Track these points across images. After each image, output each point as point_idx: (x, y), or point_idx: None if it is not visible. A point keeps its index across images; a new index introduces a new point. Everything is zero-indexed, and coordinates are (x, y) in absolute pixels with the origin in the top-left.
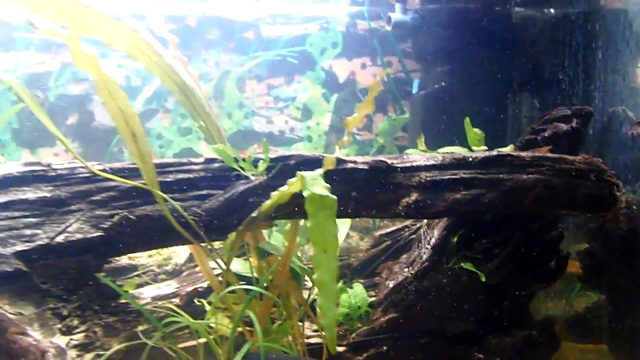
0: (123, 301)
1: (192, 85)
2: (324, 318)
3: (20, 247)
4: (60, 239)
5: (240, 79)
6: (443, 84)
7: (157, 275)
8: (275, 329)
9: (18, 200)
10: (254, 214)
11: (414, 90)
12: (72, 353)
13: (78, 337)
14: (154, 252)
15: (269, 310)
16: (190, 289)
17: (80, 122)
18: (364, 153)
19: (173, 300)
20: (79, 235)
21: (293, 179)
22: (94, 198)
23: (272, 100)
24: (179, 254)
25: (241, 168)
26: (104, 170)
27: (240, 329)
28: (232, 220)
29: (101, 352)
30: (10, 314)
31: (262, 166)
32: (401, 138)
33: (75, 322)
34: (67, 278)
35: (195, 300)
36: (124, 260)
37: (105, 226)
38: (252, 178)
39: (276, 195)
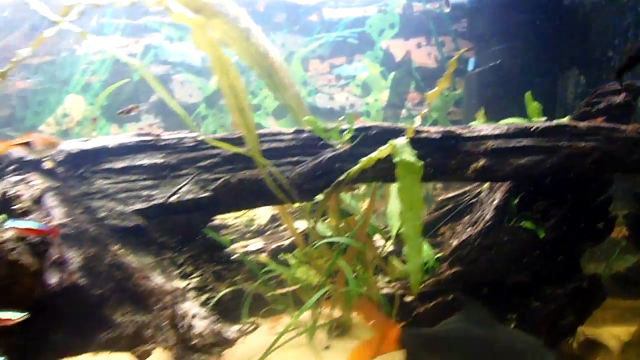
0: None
1: (278, 68)
2: (410, 264)
3: (139, 206)
4: (173, 199)
5: (304, 58)
6: (499, 61)
7: (244, 234)
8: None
9: (134, 166)
10: (341, 177)
11: (470, 68)
12: (190, 294)
13: (194, 282)
14: (239, 213)
15: (351, 262)
16: (274, 245)
17: (161, 99)
18: None
19: (261, 254)
20: (190, 196)
21: (383, 147)
22: (200, 164)
23: (333, 79)
24: (262, 216)
25: (328, 137)
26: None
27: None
28: (320, 183)
29: (213, 295)
30: (134, 262)
31: (346, 135)
32: (453, 113)
33: (189, 269)
34: (179, 233)
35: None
36: (216, 220)
37: (211, 188)
38: (338, 146)
39: (364, 161)
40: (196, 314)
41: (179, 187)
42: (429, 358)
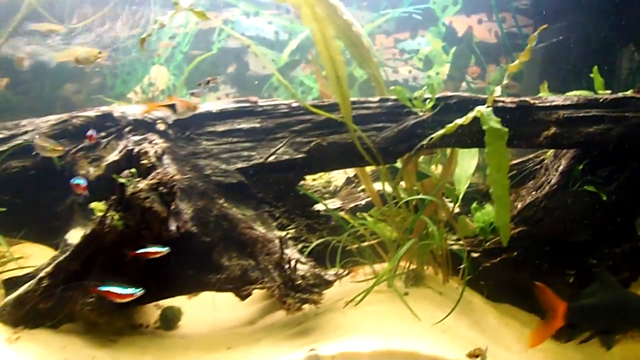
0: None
1: (362, 41)
2: (499, 220)
3: (240, 165)
4: (271, 159)
5: (371, 33)
6: (561, 37)
7: (323, 194)
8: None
9: (235, 129)
10: (424, 142)
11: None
12: (289, 243)
13: (291, 232)
14: (317, 175)
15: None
16: (352, 205)
17: (237, 71)
18: None
19: (340, 212)
20: (286, 157)
21: (470, 114)
22: (294, 128)
23: (398, 53)
24: (338, 178)
25: (412, 105)
26: (298, 107)
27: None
28: (404, 147)
29: (307, 244)
30: (238, 214)
31: (429, 104)
32: (511, 86)
33: (285, 221)
34: (275, 189)
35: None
36: None
37: (304, 150)
38: (420, 114)
39: (450, 126)
40: (298, 259)
41: (275, 148)
42: (584, 326)
